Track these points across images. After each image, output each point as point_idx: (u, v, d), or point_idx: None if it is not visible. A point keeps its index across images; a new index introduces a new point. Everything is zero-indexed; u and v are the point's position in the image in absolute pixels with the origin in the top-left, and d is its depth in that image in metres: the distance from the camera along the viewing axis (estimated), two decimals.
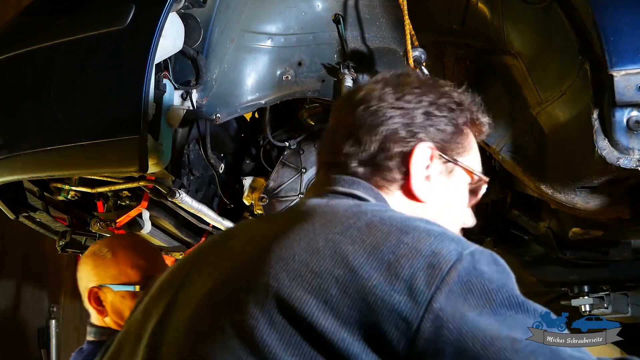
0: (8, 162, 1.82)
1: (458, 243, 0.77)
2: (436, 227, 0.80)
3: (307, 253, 0.76)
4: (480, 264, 0.75)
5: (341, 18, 1.85)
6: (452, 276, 0.72)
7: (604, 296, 2.36)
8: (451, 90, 1.05)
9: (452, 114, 1.02)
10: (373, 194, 0.94)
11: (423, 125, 0.99)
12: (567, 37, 1.41)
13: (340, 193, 0.93)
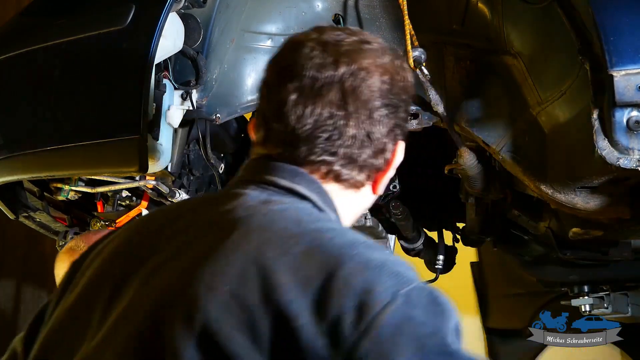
0: (8, 162, 1.82)
1: (396, 278, 0.72)
2: (378, 255, 0.76)
3: (237, 282, 0.72)
4: (416, 305, 0.71)
5: (341, 18, 1.85)
6: (381, 319, 0.68)
7: (604, 296, 2.37)
8: (410, 73, 1.02)
9: (411, 102, 1.01)
10: (317, 190, 0.89)
11: (402, 122, 0.98)
12: (567, 37, 1.41)
13: (281, 187, 0.87)
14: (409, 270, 0.75)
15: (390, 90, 0.93)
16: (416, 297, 0.71)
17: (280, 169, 0.89)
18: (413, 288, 0.72)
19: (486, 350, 4.10)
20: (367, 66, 0.92)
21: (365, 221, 2.03)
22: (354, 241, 0.77)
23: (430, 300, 0.72)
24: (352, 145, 0.90)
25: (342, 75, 0.89)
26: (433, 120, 1.79)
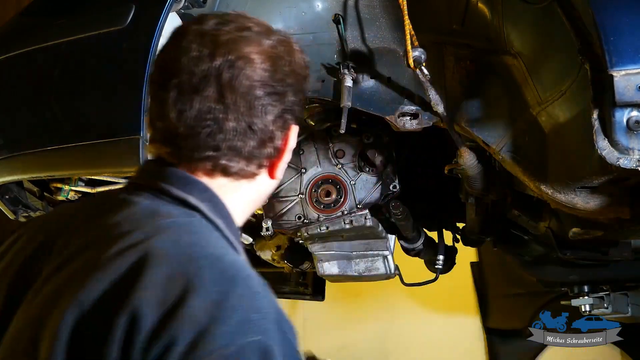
0: (8, 162, 1.82)
1: (242, 325, 0.73)
2: (239, 293, 0.76)
3: (102, 301, 0.74)
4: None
5: (341, 18, 1.85)
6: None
7: (604, 296, 2.36)
8: (302, 53, 1.00)
9: (305, 85, 0.99)
10: (208, 199, 0.89)
11: (293, 106, 0.96)
12: (567, 37, 1.41)
13: (173, 197, 0.88)
14: (262, 320, 0.75)
15: (272, 77, 0.92)
16: (249, 352, 0.72)
17: (173, 176, 0.90)
18: (251, 342, 0.72)
19: (486, 350, 4.10)
20: (245, 55, 0.90)
21: (365, 221, 2.03)
22: (222, 274, 0.77)
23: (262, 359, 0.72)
24: (234, 138, 0.89)
25: (218, 68, 0.89)
26: (433, 120, 1.80)
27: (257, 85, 0.90)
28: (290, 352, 0.77)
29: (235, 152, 0.90)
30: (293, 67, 0.96)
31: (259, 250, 2.46)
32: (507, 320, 3.89)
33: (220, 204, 0.91)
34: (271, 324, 0.76)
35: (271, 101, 0.92)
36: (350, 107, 1.80)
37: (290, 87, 0.95)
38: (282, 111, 0.93)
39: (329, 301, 3.27)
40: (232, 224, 0.92)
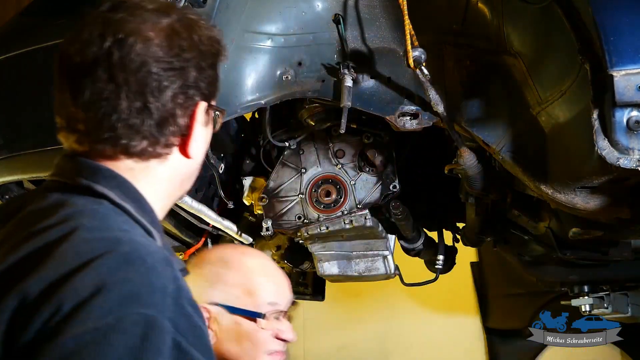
0: (8, 162, 1.83)
1: (123, 298, 0.73)
2: (131, 268, 0.76)
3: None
4: (119, 332, 0.71)
5: (341, 18, 1.85)
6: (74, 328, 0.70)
7: (604, 296, 2.37)
8: (209, 29, 0.99)
9: (215, 60, 0.99)
10: (116, 186, 0.89)
11: (196, 82, 0.94)
12: (567, 37, 1.41)
13: (80, 187, 0.89)
14: (153, 294, 0.75)
15: (168, 53, 0.91)
16: (129, 324, 0.71)
17: (80, 166, 0.91)
18: (133, 314, 0.72)
19: (486, 350, 4.10)
20: (136, 31, 0.90)
21: (365, 221, 2.03)
22: (117, 254, 0.78)
23: (140, 336, 0.71)
24: (129, 117, 0.89)
25: (109, 48, 0.88)
26: (433, 120, 1.79)
27: (150, 61, 0.89)
28: (188, 328, 0.76)
29: (134, 132, 0.90)
30: (193, 42, 0.94)
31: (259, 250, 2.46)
32: (507, 320, 3.89)
33: (130, 188, 0.90)
34: (165, 299, 0.75)
35: (168, 77, 0.91)
36: (350, 107, 1.80)
37: (190, 62, 0.93)
38: (182, 87, 0.92)
39: (329, 301, 3.27)
40: (145, 207, 0.92)
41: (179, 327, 0.75)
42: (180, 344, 0.73)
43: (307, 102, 2.00)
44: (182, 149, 0.96)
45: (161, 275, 0.78)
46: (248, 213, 2.37)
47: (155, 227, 0.92)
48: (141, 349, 0.70)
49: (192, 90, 0.94)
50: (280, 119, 2.18)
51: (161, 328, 0.73)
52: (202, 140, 0.98)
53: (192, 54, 0.94)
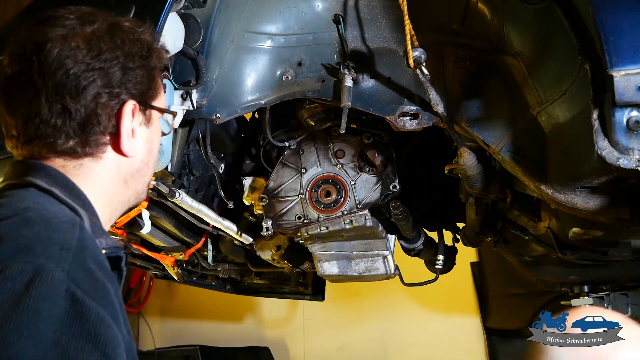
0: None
1: (14, 251, 0.76)
2: (30, 228, 0.80)
3: None
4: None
5: (341, 18, 1.85)
6: None
7: (604, 296, 2.36)
8: (139, 33, 1.04)
9: (145, 62, 1.03)
10: (45, 174, 0.95)
11: (122, 82, 0.99)
12: (567, 37, 1.41)
13: (17, 184, 0.94)
14: (49, 248, 0.78)
15: (87, 55, 0.95)
16: (16, 272, 0.74)
17: (16, 166, 0.98)
18: (22, 263, 0.74)
19: (486, 350, 4.10)
20: (54, 39, 0.94)
21: (365, 221, 2.03)
22: (20, 218, 0.83)
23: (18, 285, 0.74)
24: (50, 119, 0.95)
25: (29, 57, 0.94)
26: (433, 120, 1.80)
27: (67, 63, 0.94)
28: (86, 280, 0.78)
29: (57, 132, 0.95)
30: (116, 44, 0.99)
31: (259, 250, 2.46)
32: (507, 320, 3.89)
33: (59, 176, 0.96)
34: (63, 252, 0.77)
35: (86, 77, 0.95)
36: (350, 107, 1.80)
37: (113, 62, 0.97)
38: (104, 87, 0.96)
39: (329, 301, 3.27)
40: (75, 191, 0.96)
41: (75, 279, 0.76)
42: (74, 294, 0.75)
43: (307, 102, 2.00)
44: (116, 147, 1.00)
45: (64, 232, 0.81)
46: (248, 213, 2.37)
47: (87, 210, 0.95)
48: (24, 294, 0.72)
49: (117, 90, 0.98)
50: (280, 119, 2.18)
51: (51, 277, 0.74)
52: (142, 139, 1.04)
53: (114, 54, 0.98)
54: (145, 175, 1.08)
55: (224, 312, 4.70)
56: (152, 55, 1.05)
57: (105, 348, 0.75)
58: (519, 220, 2.03)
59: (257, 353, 4.37)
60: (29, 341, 0.69)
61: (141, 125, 1.04)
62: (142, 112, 1.04)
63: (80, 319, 0.74)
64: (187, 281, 2.95)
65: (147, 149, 1.06)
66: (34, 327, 0.70)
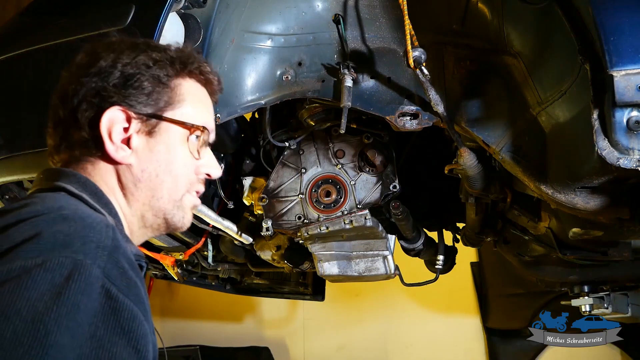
0: (8, 162, 1.82)
1: (54, 245, 0.79)
2: (67, 224, 0.83)
3: None
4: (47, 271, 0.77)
5: (341, 18, 1.85)
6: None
7: (604, 296, 2.36)
8: (153, 48, 1.08)
9: (150, 71, 1.05)
10: (76, 180, 1.00)
11: (117, 87, 1.02)
12: (567, 37, 1.41)
13: (48, 188, 1.00)
14: (86, 244, 0.81)
15: (79, 70, 1.05)
16: (56, 265, 0.76)
17: (48, 172, 1.05)
18: (62, 257, 0.77)
19: (486, 350, 4.10)
20: (75, 57, 1.07)
21: (365, 221, 2.03)
22: (58, 216, 0.85)
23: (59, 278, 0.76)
24: (59, 128, 1.07)
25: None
26: (433, 120, 1.79)
27: (64, 76, 1.06)
28: (120, 278, 0.81)
29: (67, 141, 1.06)
30: (117, 54, 1.05)
31: (259, 250, 2.46)
32: (507, 320, 3.89)
33: (88, 183, 1.01)
34: (99, 250, 0.80)
35: (72, 88, 1.04)
36: (350, 107, 1.80)
37: (94, 75, 1.03)
38: (88, 95, 1.03)
39: (329, 301, 3.27)
40: (103, 199, 1.01)
41: (109, 276, 0.79)
42: (109, 290, 0.78)
43: (307, 102, 2.00)
44: (106, 155, 1.04)
45: (99, 232, 0.84)
46: (248, 213, 2.37)
47: (114, 217, 0.99)
48: (64, 286, 0.74)
49: (100, 96, 1.03)
50: (280, 119, 2.18)
51: (89, 272, 0.77)
52: (142, 147, 1.05)
53: (99, 68, 1.04)
54: (160, 190, 1.06)
55: (224, 312, 4.70)
56: (164, 66, 1.07)
57: (137, 344, 0.78)
58: (519, 220, 2.03)
59: (257, 353, 4.37)
60: (67, 331, 0.72)
61: (140, 133, 1.04)
62: (142, 120, 1.04)
63: (114, 314, 0.78)
64: (187, 281, 2.95)
65: (154, 160, 1.05)
66: (72, 319, 0.73)
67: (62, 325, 0.72)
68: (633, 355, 3.60)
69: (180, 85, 1.09)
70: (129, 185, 1.05)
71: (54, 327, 0.72)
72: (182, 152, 1.08)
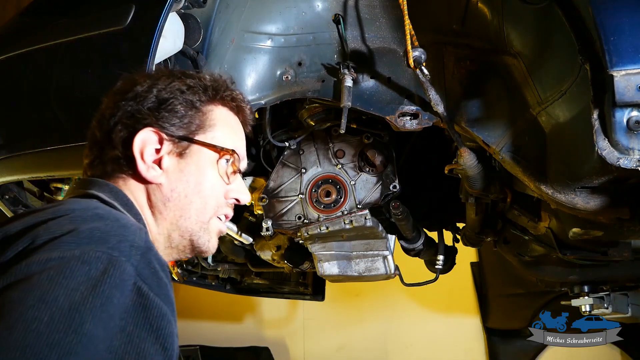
0: (8, 162, 1.82)
1: (91, 240, 0.82)
2: (103, 222, 0.86)
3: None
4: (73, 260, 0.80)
5: (341, 18, 1.85)
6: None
7: (604, 296, 2.36)
8: (188, 75, 1.14)
9: (183, 96, 1.10)
10: (108, 190, 1.04)
11: (151, 110, 1.08)
12: (567, 37, 1.41)
13: (81, 194, 1.03)
14: (121, 243, 0.84)
15: (117, 95, 1.11)
16: (93, 258, 0.79)
17: (81, 181, 1.10)
18: (98, 251, 0.81)
19: (486, 350, 4.10)
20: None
21: (365, 221, 2.03)
22: (93, 215, 0.90)
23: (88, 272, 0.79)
24: (95, 145, 1.11)
25: None
26: (433, 120, 1.79)
27: (103, 100, 1.13)
28: (151, 278, 0.83)
29: (98, 158, 1.10)
30: (154, 80, 1.11)
31: (259, 250, 2.46)
32: (507, 320, 3.89)
33: (120, 193, 1.05)
34: (132, 249, 0.83)
35: (109, 111, 1.10)
36: (350, 107, 1.80)
37: (131, 99, 1.09)
38: (124, 117, 1.08)
39: (329, 301, 3.27)
40: (133, 209, 1.05)
41: (142, 275, 0.82)
42: (140, 288, 0.81)
43: (307, 102, 2.00)
44: (137, 174, 1.08)
45: (133, 232, 0.87)
46: (248, 213, 2.37)
47: (140, 221, 1.04)
48: (100, 280, 0.77)
49: (135, 118, 1.08)
50: (280, 119, 2.18)
51: (123, 269, 0.80)
52: (173, 168, 1.09)
53: (136, 93, 1.09)
54: (188, 210, 1.10)
55: (224, 312, 4.70)
56: (198, 92, 1.13)
57: (165, 342, 0.80)
58: (519, 220, 2.03)
59: (257, 353, 4.37)
60: (100, 323, 0.75)
61: (171, 154, 1.09)
62: (173, 142, 1.09)
63: (144, 311, 0.80)
64: (187, 281, 2.95)
65: (184, 180, 1.09)
66: (105, 311, 0.76)
67: (96, 316, 0.75)
68: (633, 355, 3.60)
69: (212, 111, 1.14)
70: (158, 204, 1.09)
71: (89, 317, 0.74)
72: (212, 174, 1.12)
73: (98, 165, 1.09)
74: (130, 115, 1.08)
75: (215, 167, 1.12)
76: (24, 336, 0.70)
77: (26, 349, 0.69)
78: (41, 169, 1.82)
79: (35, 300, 0.73)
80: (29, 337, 0.70)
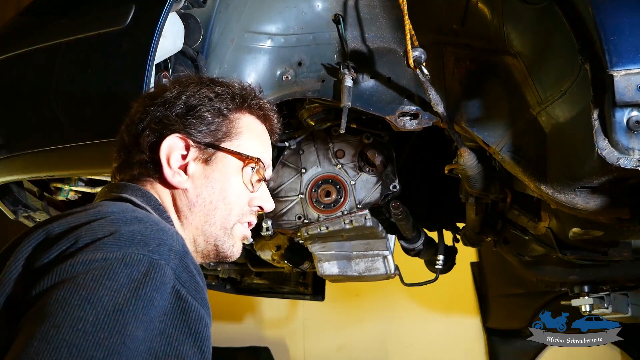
0: (8, 162, 1.82)
1: (133, 243, 0.84)
2: (143, 225, 0.88)
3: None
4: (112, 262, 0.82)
5: (341, 18, 1.85)
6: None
7: (604, 296, 2.36)
8: (217, 83, 1.16)
9: (211, 103, 1.12)
10: (141, 195, 1.06)
11: (179, 117, 1.10)
12: (567, 37, 1.41)
13: (113, 196, 1.06)
14: (160, 246, 0.85)
15: (146, 101, 1.13)
16: (135, 260, 0.81)
17: (114, 185, 1.12)
18: (140, 254, 0.82)
19: (486, 350, 4.10)
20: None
21: (365, 221, 2.03)
22: (133, 219, 0.91)
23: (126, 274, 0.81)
24: (121, 151, 1.14)
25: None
26: (433, 120, 1.79)
27: (133, 105, 1.16)
28: (189, 281, 0.85)
29: (126, 162, 1.12)
30: (183, 87, 1.13)
31: (259, 250, 2.46)
32: (507, 320, 3.89)
33: (152, 198, 1.07)
34: (171, 253, 0.85)
35: (137, 116, 1.12)
36: (350, 107, 1.80)
37: (159, 105, 1.10)
38: (152, 122, 1.10)
39: (329, 301, 3.27)
40: (164, 214, 1.08)
41: (180, 278, 0.84)
42: (179, 291, 0.82)
43: (307, 102, 2.00)
44: (163, 179, 1.09)
45: (171, 236, 0.88)
46: None
47: (171, 225, 1.05)
48: (141, 282, 0.79)
49: (162, 124, 1.09)
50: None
51: (163, 272, 0.82)
52: (199, 174, 1.11)
53: (165, 99, 1.11)
54: (213, 216, 1.12)
55: (224, 312, 4.70)
56: (225, 100, 1.14)
57: (202, 345, 0.82)
58: (519, 220, 2.03)
59: (257, 353, 4.37)
60: (142, 325, 0.77)
61: (197, 160, 1.11)
62: (199, 149, 1.11)
63: (183, 314, 0.82)
64: None
65: (209, 186, 1.11)
66: (147, 314, 0.78)
67: (138, 318, 0.77)
68: (633, 355, 3.60)
69: (239, 119, 1.16)
70: (183, 209, 1.11)
71: (132, 319, 0.76)
72: (237, 181, 1.13)
73: (126, 169, 1.11)
74: (159, 121, 1.09)
75: (240, 175, 1.14)
76: (71, 335, 0.72)
77: (73, 348, 0.71)
78: (41, 169, 1.82)
79: (81, 301, 0.75)
80: (76, 337, 0.72)
